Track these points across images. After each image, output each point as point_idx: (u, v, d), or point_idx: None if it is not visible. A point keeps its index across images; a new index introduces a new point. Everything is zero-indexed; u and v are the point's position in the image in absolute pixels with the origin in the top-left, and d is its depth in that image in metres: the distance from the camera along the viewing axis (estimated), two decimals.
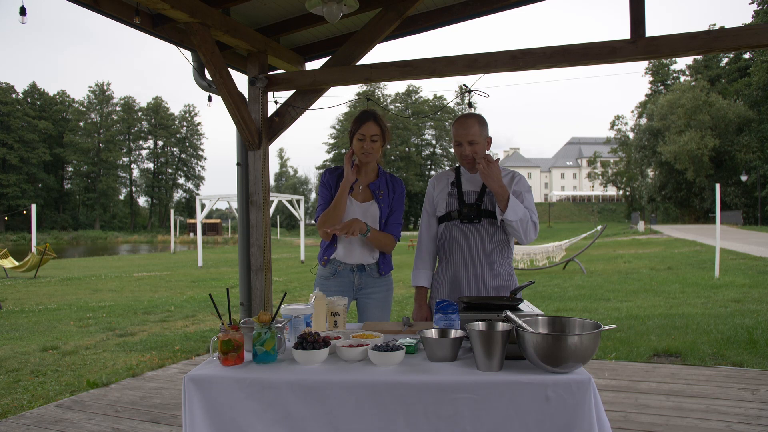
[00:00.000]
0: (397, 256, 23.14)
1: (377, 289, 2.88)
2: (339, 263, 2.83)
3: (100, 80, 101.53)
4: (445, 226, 2.73)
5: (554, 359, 1.64)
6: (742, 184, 42.43)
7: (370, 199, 2.85)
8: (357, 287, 2.84)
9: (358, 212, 2.80)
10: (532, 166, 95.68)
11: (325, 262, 2.85)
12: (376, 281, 2.88)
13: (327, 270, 2.85)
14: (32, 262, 15.35)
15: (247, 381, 1.74)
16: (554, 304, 8.39)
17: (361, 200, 2.84)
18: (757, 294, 8.72)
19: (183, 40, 4.10)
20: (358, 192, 2.84)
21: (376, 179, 2.90)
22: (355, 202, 2.82)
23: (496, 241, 2.65)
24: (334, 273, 2.84)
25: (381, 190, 2.87)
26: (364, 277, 2.85)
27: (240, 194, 4.37)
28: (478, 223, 2.64)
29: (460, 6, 4.39)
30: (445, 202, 2.74)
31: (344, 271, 2.83)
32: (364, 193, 2.86)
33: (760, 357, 4.76)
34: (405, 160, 69.70)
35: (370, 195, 2.86)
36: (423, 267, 2.82)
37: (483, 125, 2.66)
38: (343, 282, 2.83)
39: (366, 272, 2.85)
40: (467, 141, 2.63)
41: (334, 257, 2.83)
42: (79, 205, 69.42)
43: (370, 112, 2.83)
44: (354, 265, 2.83)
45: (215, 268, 18.08)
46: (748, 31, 3.32)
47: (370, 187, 2.88)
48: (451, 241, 2.68)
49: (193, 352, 5.54)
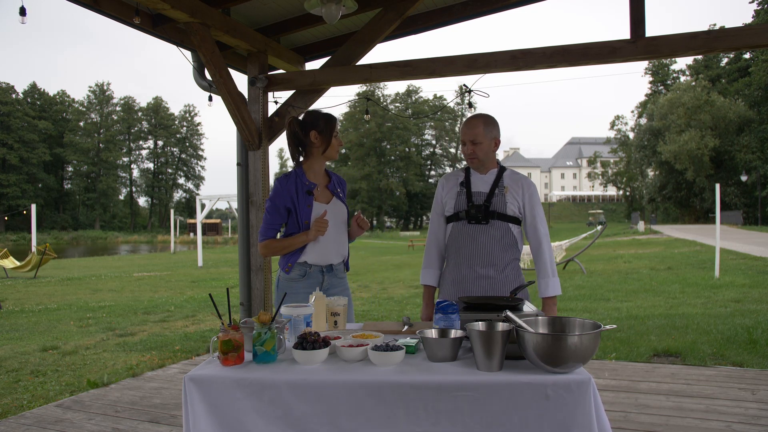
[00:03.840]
0: (398, 256, 23.23)
1: (341, 288, 2.87)
2: (309, 266, 2.78)
3: (100, 80, 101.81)
4: (453, 225, 2.73)
5: (554, 359, 1.64)
6: (742, 184, 42.42)
7: (331, 198, 2.85)
8: (325, 287, 2.81)
9: (328, 213, 2.78)
10: (532, 166, 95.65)
11: (289, 268, 2.79)
12: (340, 281, 2.88)
13: (295, 273, 2.79)
14: (32, 262, 15.35)
15: (247, 381, 1.74)
16: None
17: (325, 201, 2.83)
18: (757, 294, 8.72)
19: (183, 40, 4.10)
20: (318, 194, 2.81)
21: (330, 180, 2.90)
22: (320, 204, 2.80)
23: (504, 242, 2.65)
24: (304, 275, 2.78)
25: (337, 189, 2.89)
26: (331, 277, 2.83)
27: (240, 194, 4.37)
28: (486, 224, 2.64)
29: (460, 6, 4.39)
30: (453, 201, 2.73)
31: (314, 272, 2.79)
32: (325, 194, 2.85)
33: (760, 357, 4.76)
34: (405, 160, 69.70)
35: (331, 195, 2.86)
36: (431, 266, 2.83)
37: (489, 126, 2.67)
38: (312, 284, 2.78)
39: (333, 272, 2.84)
40: (470, 140, 2.64)
41: (304, 260, 2.78)
42: (79, 205, 69.44)
43: (332, 114, 2.83)
44: (324, 265, 2.81)
45: (215, 268, 18.08)
46: (748, 31, 3.32)
47: (329, 188, 2.87)
48: (459, 241, 2.68)
49: (193, 352, 5.54)
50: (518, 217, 2.70)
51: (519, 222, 2.71)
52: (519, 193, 2.68)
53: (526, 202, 2.69)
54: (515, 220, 2.68)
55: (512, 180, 2.71)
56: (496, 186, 2.68)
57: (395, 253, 25.01)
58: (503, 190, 2.67)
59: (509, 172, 2.75)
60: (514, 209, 2.67)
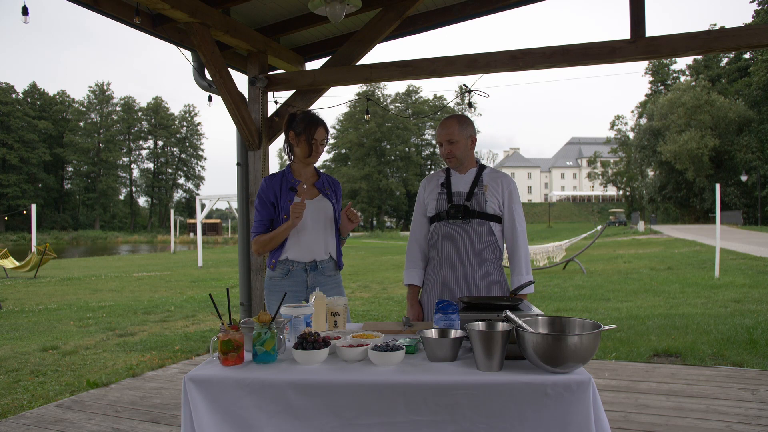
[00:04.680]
0: (398, 256, 23.21)
1: (329, 287, 2.84)
2: (291, 263, 2.78)
3: (100, 80, 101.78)
4: (435, 226, 2.75)
5: (554, 359, 1.64)
6: (742, 184, 42.41)
7: (317, 194, 2.87)
8: (310, 286, 2.79)
9: (310, 208, 2.78)
10: (532, 166, 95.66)
11: (274, 264, 2.80)
12: (328, 279, 2.85)
13: (278, 271, 2.79)
14: (32, 262, 15.35)
15: (247, 381, 1.74)
16: (554, 304, 8.39)
17: (311, 197, 2.84)
18: (757, 294, 8.72)
19: (183, 40, 4.10)
20: (303, 191, 2.83)
21: (318, 179, 2.93)
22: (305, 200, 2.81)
23: (484, 241, 2.67)
24: (287, 273, 2.78)
25: (326, 187, 2.91)
26: (316, 276, 2.80)
27: (240, 194, 4.37)
28: (467, 223, 2.66)
29: (460, 6, 4.39)
30: (434, 202, 2.76)
31: (297, 270, 2.78)
32: (310, 192, 2.87)
33: (760, 357, 4.76)
34: (405, 160, 69.72)
35: (317, 192, 2.88)
36: (413, 266, 2.85)
37: (463, 124, 2.70)
38: (296, 282, 2.78)
39: (319, 270, 2.81)
40: (446, 140, 2.68)
41: (286, 257, 2.78)
42: (79, 205, 69.43)
43: (320, 119, 2.83)
44: (307, 263, 2.79)
45: (215, 268, 18.08)
46: (748, 31, 3.32)
47: (316, 186, 2.89)
48: (440, 241, 2.71)
49: (193, 352, 5.54)
50: (499, 216, 2.71)
51: (500, 220, 2.73)
52: (498, 191, 2.70)
53: (505, 199, 2.71)
54: (496, 219, 2.70)
55: (491, 178, 2.73)
56: (476, 185, 2.70)
57: (395, 253, 25.00)
58: (483, 188, 2.69)
59: (489, 171, 2.77)
60: (494, 207, 2.68)
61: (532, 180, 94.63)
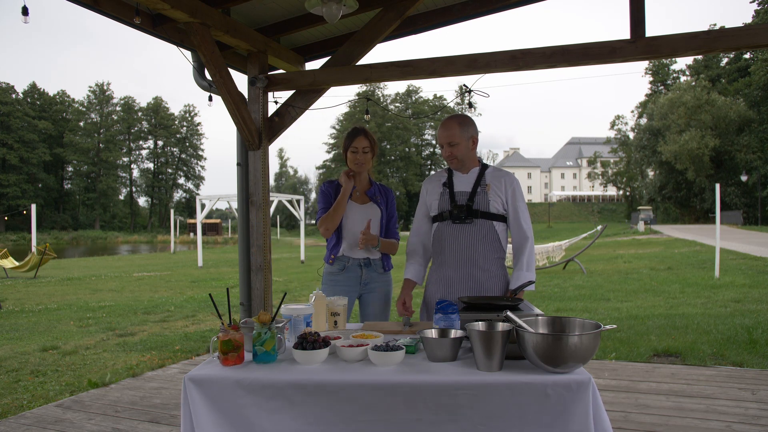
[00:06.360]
0: (397, 256, 23.07)
1: (380, 284, 3.11)
2: (347, 259, 3.06)
3: (100, 80, 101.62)
4: (437, 226, 2.76)
5: (554, 359, 1.64)
6: (742, 184, 42.40)
7: (368, 201, 3.14)
8: (363, 281, 3.06)
9: (360, 213, 3.06)
10: (532, 166, 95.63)
11: (333, 260, 3.07)
12: (380, 276, 3.12)
13: (335, 266, 3.07)
14: (32, 262, 15.35)
15: (247, 381, 1.74)
16: (554, 304, 8.39)
17: (361, 203, 3.13)
18: (757, 294, 8.72)
19: (183, 40, 4.10)
20: (356, 197, 3.13)
21: (370, 187, 3.20)
22: (356, 205, 3.10)
23: (487, 241, 2.67)
24: (343, 268, 3.06)
25: (377, 196, 3.18)
26: (369, 272, 3.08)
27: (240, 194, 4.37)
28: (469, 223, 2.66)
29: (460, 6, 4.38)
30: (437, 202, 2.76)
31: (352, 266, 3.06)
32: (362, 198, 3.15)
33: (760, 357, 4.76)
34: (405, 160, 69.72)
35: (368, 199, 3.16)
36: (414, 263, 2.89)
37: (464, 126, 2.70)
38: (351, 277, 3.05)
39: (372, 267, 3.08)
40: (447, 142, 2.69)
41: (342, 254, 3.06)
42: (79, 205, 69.41)
43: (360, 128, 3.12)
44: (361, 259, 3.06)
45: (215, 268, 18.08)
46: (748, 31, 3.32)
47: (367, 194, 3.17)
48: (443, 241, 2.71)
49: (193, 352, 5.54)
50: (503, 215, 2.71)
51: (504, 219, 2.72)
52: (501, 190, 2.70)
53: (509, 198, 2.71)
54: (500, 218, 2.70)
55: (494, 177, 2.73)
56: (479, 184, 2.70)
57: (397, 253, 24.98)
58: (485, 188, 2.69)
59: (491, 170, 2.77)
60: (497, 206, 2.68)
61: (532, 180, 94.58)
